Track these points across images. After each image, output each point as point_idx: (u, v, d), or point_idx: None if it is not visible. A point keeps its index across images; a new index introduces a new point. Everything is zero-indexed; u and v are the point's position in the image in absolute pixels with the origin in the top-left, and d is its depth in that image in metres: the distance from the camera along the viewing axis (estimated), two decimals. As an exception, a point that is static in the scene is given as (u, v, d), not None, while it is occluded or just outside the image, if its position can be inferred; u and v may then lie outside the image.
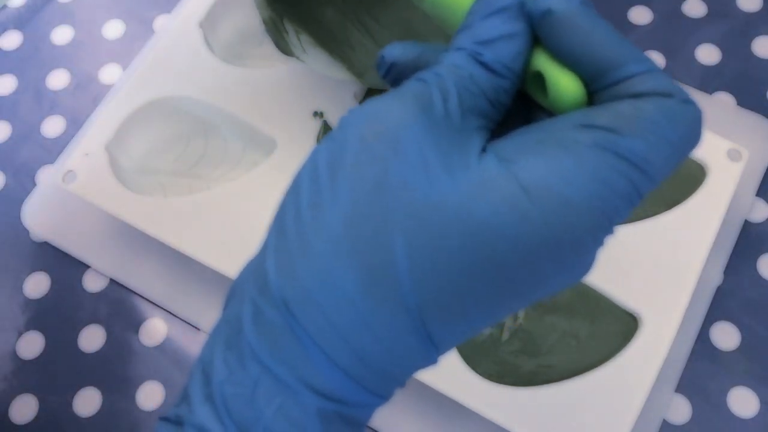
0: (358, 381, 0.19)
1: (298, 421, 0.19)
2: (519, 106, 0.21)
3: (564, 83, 0.20)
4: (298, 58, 0.35)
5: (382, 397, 0.20)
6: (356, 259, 0.18)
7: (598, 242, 0.19)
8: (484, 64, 0.19)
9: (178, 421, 0.19)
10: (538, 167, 0.18)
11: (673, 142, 0.19)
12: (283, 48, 0.35)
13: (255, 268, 0.20)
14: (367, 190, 0.18)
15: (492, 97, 0.19)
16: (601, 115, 0.19)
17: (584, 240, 0.18)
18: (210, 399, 0.19)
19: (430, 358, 0.19)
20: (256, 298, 0.19)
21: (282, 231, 0.19)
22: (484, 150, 0.19)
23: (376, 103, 0.19)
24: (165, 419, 0.20)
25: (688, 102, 0.19)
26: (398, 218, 0.18)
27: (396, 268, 0.18)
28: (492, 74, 0.19)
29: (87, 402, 0.36)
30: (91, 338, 0.37)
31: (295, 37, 0.35)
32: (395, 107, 0.19)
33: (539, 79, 0.20)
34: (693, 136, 0.19)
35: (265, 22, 0.33)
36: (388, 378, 0.19)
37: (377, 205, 0.18)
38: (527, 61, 0.20)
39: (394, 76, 0.21)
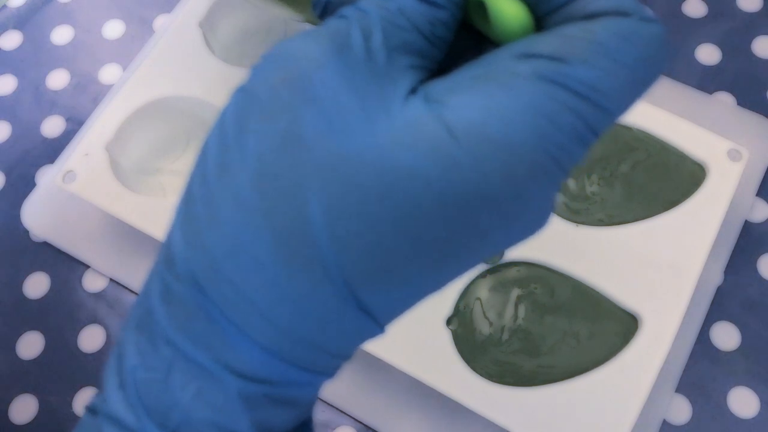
0: (283, 358, 0.17)
1: (219, 406, 0.17)
2: (471, 41, 0.19)
3: (506, 8, 0.17)
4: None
5: (322, 373, 0.18)
6: (268, 223, 0.16)
7: (548, 189, 0.16)
8: None
9: (94, 410, 0.18)
10: (468, 107, 0.16)
11: (630, 67, 0.16)
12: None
13: (164, 241, 0.18)
14: (277, 144, 0.16)
15: (427, 32, 0.17)
16: (545, 41, 0.16)
17: (527, 188, 0.16)
18: (123, 386, 0.18)
19: (369, 329, 0.17)
20: (164, 274, 0.17)
21: (189, 198, 0.17)
22: (414, 92, 0.17)
23: (287, 44, 0.17)
24: (88, 408, 0.18)
25: (649, 20, 0.17)
26: (311, 173, 0.16)
27: (312, 229, 0.16)
28: (426, 5, 0.17)
29: (87, 402, 0.36)
30: (91, 338, 0.37)
31: None
32: (308, 48, 0.17)
33: (482, 6, 0.18)
34: (655, 59, 0.17)
35: None
36: (323, 352, 0.17)
37: (288, 161, 0.16)
38: None
39: (331, 15, 0.19)
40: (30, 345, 0.37)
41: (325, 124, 0.16)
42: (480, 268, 0.35)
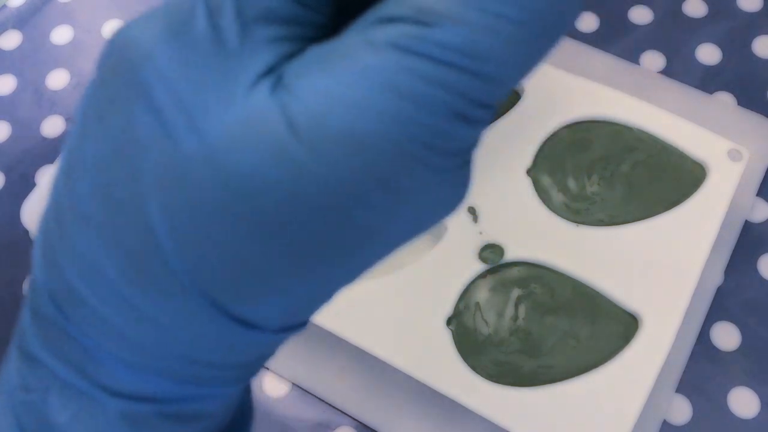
0: (163, 376, 0.16)
1: (100, 428, 0.16)
2: None
3: None
4: None
5: (220, 386, 0.16)
6: (114, 239, 0.14)
7: (432, 175, 0.14)
8: None
9: None
10: (313, 93, 0.13)
11: (516, 20, 0.13)
12: None
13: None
14: (111, 149, 0.14)
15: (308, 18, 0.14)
16: (407, 1, 0.13)
17: (397, 180, 0.13)
18: (4, 409, 0.16)
19: (257, 337, 0.15)
20: (31, 294, 0.16)
21: (47, 206, 0.16)
22: (271, 73, 0.14)
23: (127, 26, 0.15)
24: None
25: None
26: (150, 181, 0.14)
27: (159, 244, 0.14)
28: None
29: None
30: (91, 338, 0.37)
31: None
32: (143, 32, 0.14)
33: None
34: (551, 7, 0.13)
35: None
36: (205, 366, 0.16)
37: (124, 168, 0.14)
38: None
39: None
40: (30, 345, 0.37)
41: (158, 123, 0.14)
42: (480, 268, 0.35)
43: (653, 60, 0.42)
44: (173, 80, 0.14)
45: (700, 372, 0.34)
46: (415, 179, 0.14)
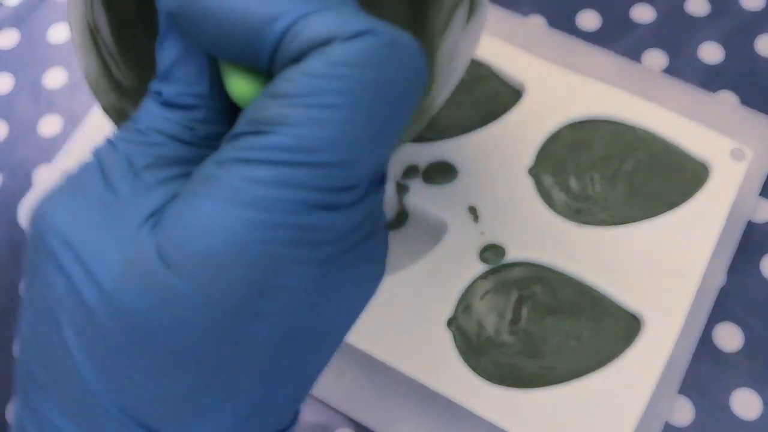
0: None
1: None
2: None
3: (229, 82, 0.16)
4: None
5: None
6: (55, 393, 0.16)
7: (314, 267, 0.14)
8: (167, 104, 0.16)
9: None
10: (176, 221, 0.14)
11: (336, 106, 0.14)
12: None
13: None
14: (39, 311, 0.16)
15: (187, 137, 0.16)
16: (245, 114, 0.15)
17: (271, 283, 0.14)
18: None
19: None
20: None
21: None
22: (160, 210, 0.15)
23: (39, 203, 0.16)
24: None
25: (362, 35, 0.14)
26: (69, 331, 0.15)
27: (86, 386, 0.15)
28: (179, 110, 0.16)
29: None
30: (89, 339, 0.37)
31: None
32: (47, 203, 0.16)
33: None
34: (376, 79, 0.14)
35: (104, 109, 0.26)
36: None
37: (48, 324, 0.16)
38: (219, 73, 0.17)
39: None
40: (27, 346, 0.37)
41: (65, 279, 0.15)
42: (481, 268, 0.35)
43: (655, 59, 0.41)
44: (71, 239, 0.15)
45: (703, 373, 0.34)
46: (292, 276, 0.14)
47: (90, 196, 0.16)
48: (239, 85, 0.16)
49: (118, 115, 0.26)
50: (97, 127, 0.40)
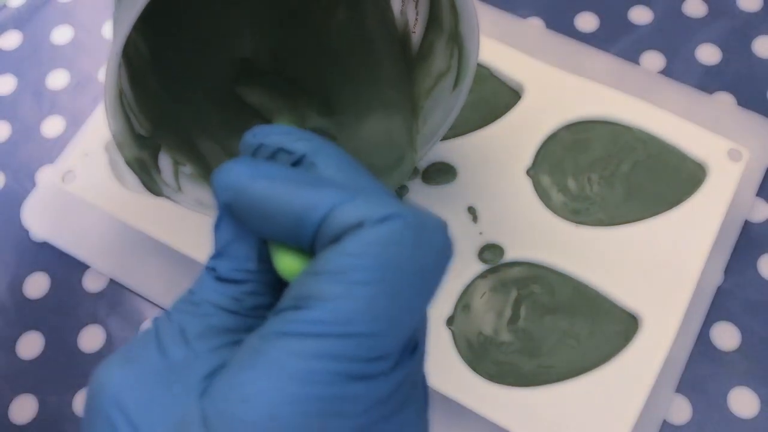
0: None
1: None
2: None
3: (276, 259, 0.18)
4: (168, 198, 0.31)
5: None
6: None
7: (347, 424, 0.15)
8: (220, 279, 0.18)
9: None
10: (222, 392, 0.15)
11: (367, 282, 0.15)
12: (152, 188, 0.30)
13: None
14: None
15: (234, 308, 0.18)
16: (289, 290, 0.16)
17: None
18: None
19: None
20: None
21: None
22: (211, 376, 0.17)
23: (98, 368, 0.18)
24: None
25: (390, 218, 0.15)
26: None
27: None
28: (230, 284, 0.18)
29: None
30: (91, 338, 0.37)
31: (171, 173, 0.32)
32: (105, 370, 0.17)
33: None
34: (407, 258, 0.15)
35: (128, 163, 0.29)
36: None
37: None
38: (268, 251, 0.18)
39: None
40: (30, 345, 0.37)
41: None
42: (480, 268, 0.35)
43: (653, 60, 0.42)
44: (124, 403, 0.16)
45: (700, 372, 0.34)
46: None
47: (145, 362, 0.17)
48: (286, 263, 0.17)
49: (139, 165, 0.29)
50: (99, 128, 0.40)
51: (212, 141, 0.34)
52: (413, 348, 0.17)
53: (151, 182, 0.30)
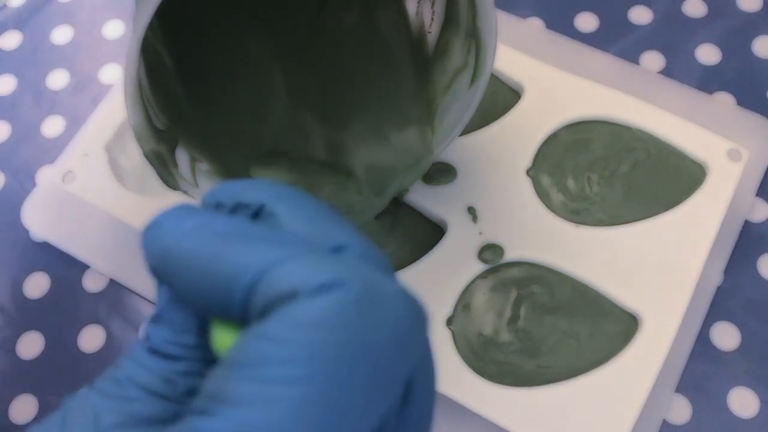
0: None
1: None
2: None
3: (212, 333, 0.15)
4: (185, 192, 0.30)
5: None
6: None
7: None
8: (153, 351, 0.15)
9: None
10: None
11: (301, 378, 0.11)
12: (169, 182, 0.30)
13: None
14: None
15: (165, 392, 0.15)
16: (205, 383, 0.13)
17: None
18: None
19: None
20: None
21: None
22: None
23: None
24: None
25: (329, 288, 0.12)
26: None
27: None
28: (163, 360, 0.15)
29: None
30: (91, 338, 0.37)
31: (188, 168, 0.31)
32: None
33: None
34: (355, 345, 0.11)
35: (146, 156, 0.28)
36: None
37: None
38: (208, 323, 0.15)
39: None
40: (30, 345, 0.37)
41: None
42: (480, 268, 0.35)
43: (653, 60, 0.42)
44: None
45: (700, 372, 0.34)
46: None
47: None
48: (220, 339, 0.14)
49: (156, 158, 0.29)
50: (99, 128, 0.40)
51: (231, 141, 0.34)
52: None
53: (168, 176, 0.29)
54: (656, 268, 0.35)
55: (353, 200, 0.34)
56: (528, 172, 0.37)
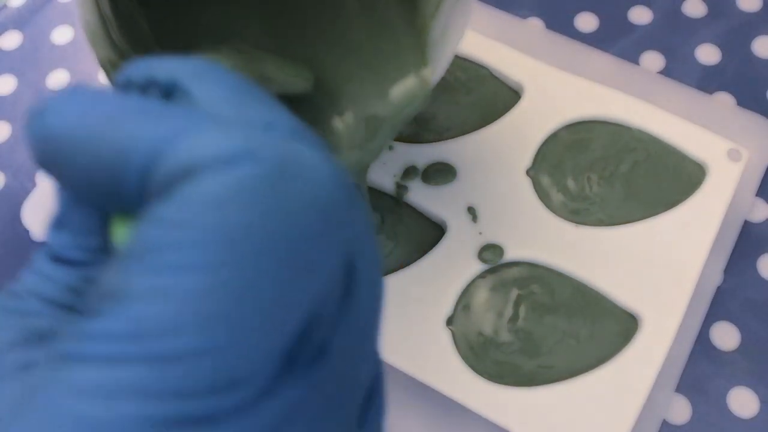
0: None
1: None
2: None
3: (112, 229, 0.13)
4: None
5: None
6: None
7: None
8: (56, 258, 0.13)
9: None
10: None
11: (202, 265, 0.10)
12: None
13: None
14: None
15: (71, 303, 0.13)
16: (96, 285, 0.11)
17: None
18: None
19: None
20: None
21: None
22: None
23: None
24: None
25: (236, 161, 0.10)
26: None
27: None
28: (67, 267, 0.13)
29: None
30: (91, 338, 0.37)
31: None
32: None
33: None
34: (270, 224, 0.10)
35: (102, 65, 0.25)
36: None
37: None
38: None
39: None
40: (30, 345, 0.37)
41: None
42: (480, 268, 0.35)
43: (653, 60, 0.42)
44: None
45: (700, 372, 0.34)
46: None
47: None
48: (119, 234, 0.12)
49: (115, 69, 0.25)
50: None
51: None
52: (313, 356, 0.11)
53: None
54: (656, 268, 0.35)
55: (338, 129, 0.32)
56: (528, 172, 0.37)
